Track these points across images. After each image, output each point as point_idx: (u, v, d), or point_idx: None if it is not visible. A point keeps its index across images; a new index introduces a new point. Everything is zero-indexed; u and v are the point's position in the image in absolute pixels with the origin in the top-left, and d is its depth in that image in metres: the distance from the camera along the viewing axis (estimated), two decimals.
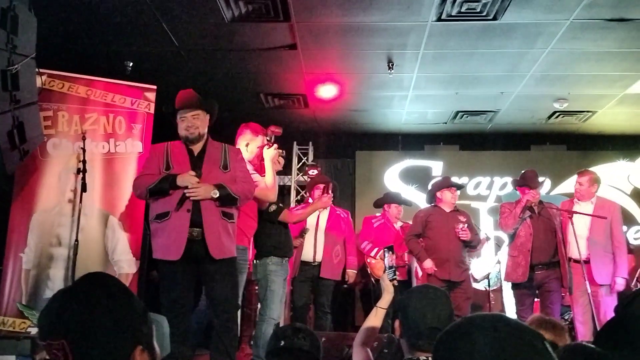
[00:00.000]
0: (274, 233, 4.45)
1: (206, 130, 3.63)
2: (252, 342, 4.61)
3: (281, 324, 4.48)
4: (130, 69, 5.80)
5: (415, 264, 6.34)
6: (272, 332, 2.28)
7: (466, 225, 5.31)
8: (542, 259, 5.00)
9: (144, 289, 5.13)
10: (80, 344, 1.10)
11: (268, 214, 4.42)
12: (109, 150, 4.57)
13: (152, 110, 4.68)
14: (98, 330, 1.11)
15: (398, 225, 6.31)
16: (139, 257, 4.48)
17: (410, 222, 5.83)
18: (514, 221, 5.11)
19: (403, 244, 6.03)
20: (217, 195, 3.39)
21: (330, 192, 4.87)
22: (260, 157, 4.34)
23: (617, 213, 5.04)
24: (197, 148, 3.58)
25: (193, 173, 3.41)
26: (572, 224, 4.89)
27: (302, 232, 5.57)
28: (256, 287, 5.55)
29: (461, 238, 5.27)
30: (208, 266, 3.43)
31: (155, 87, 4.74)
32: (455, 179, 8.03)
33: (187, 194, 3.35)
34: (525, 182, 5.21)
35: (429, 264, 5.27)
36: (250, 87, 6.78)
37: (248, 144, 4.30)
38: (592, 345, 1.30)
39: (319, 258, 5.54)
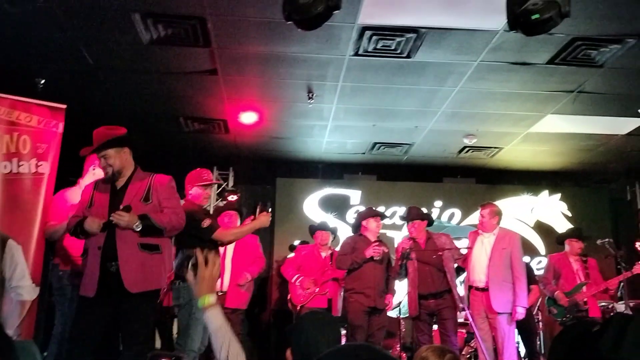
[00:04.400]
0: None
1: (127, 163, 3.60)
2: None
3: None
4: (41, 86, 5.58)
5: (341, 295, 6.41)
6: None
7: (382, 248, 5.42)
8: (431, 290, 5.23)
9: (45, 317, 4.87)
10: None
11: (200, 230, 4.07)
12: (11, 170, 4.32)
13: (60, 130, 4.50)
14: None
15: (326, 253, 6.33)
16: (39, 284, 4.25)
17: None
18: (397, 274, 5.39)
19: (327, 272, 6.08)
20: (140, 227, 3.36)
21: (269, 210, 4.51)
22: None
23: (517, 243, 5.29)
24: (120, 183, 3.59)
25: (97, 220, 3.42)
26: (471, 254, 5.19)
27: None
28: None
29: (374, 257, 5.35)
30: (126, 300, 3.36)
31: (64, 106, 4.57)
32: None
33: (111, 220, 3.38)
34: (405, 218, 5.52)
35: (370, 250, 5.32)
36: (169, 110, 6.70)
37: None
38: None
39: (225, 287, 5.48)
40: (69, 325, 3.86)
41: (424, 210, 6.01)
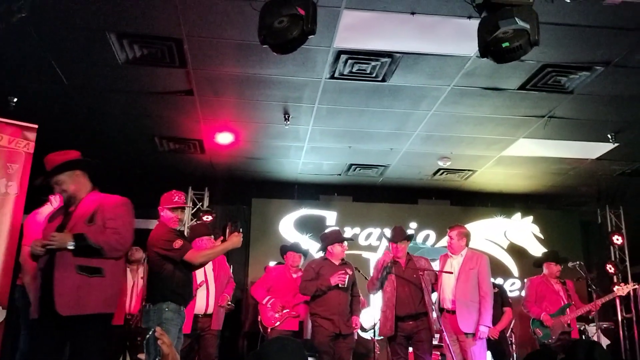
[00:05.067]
0: (174, 274, 3.98)
1: (81, 186, 3.55)
2: None
3: None
4: (13, 105, 5.50)
5: (308, 318, 6.37)
6: None
7: (347, 276, 5.41)
8: (408, 311, 5.20)
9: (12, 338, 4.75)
10: None
11: (171, 251, 3.97)
12: None
13: (31, 150, 4.43)
14: None
15: (297, 275, 6.27)
16: (6, 306, 4.16)
17: None
18: (373, 286, 5.35)
19: (298, 294, 6.03)
20: (72, 246, 3.28)
21: (240, 230, 4.29)
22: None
23: (484, 264, 5.32)
24: (73, 206, 3.54)
25: (39, 242, 3.36)
26: (441, 276, 5.21)
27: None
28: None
29: (339, 284, 5.33)
30: (67, 324, 3.27)
31: (36, 126, 4.52)
32: (348, 229, 8.30)
33: (47, 245, 3.31)
34: (389, 238, 5.52)
35: (335, 278, 5.29)
36: (144, 129, 6.65)
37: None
38: None
39: (210, 310, 5.43)
40: None
41: None
